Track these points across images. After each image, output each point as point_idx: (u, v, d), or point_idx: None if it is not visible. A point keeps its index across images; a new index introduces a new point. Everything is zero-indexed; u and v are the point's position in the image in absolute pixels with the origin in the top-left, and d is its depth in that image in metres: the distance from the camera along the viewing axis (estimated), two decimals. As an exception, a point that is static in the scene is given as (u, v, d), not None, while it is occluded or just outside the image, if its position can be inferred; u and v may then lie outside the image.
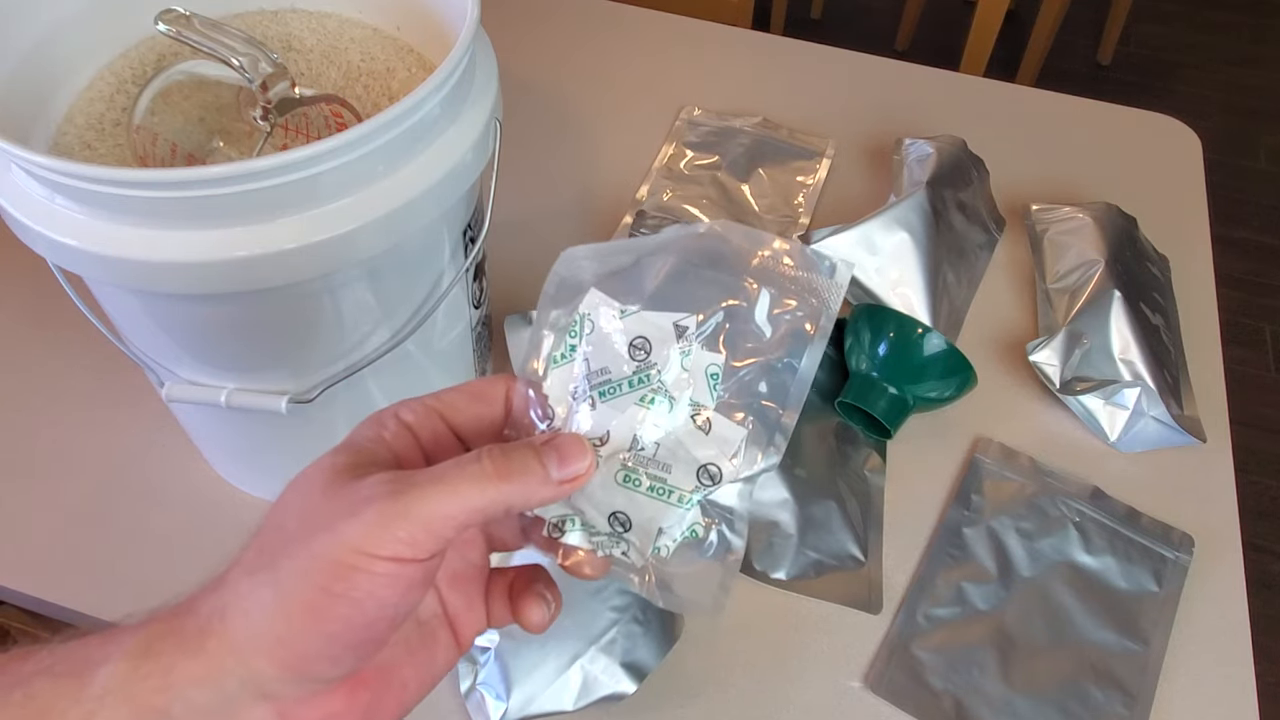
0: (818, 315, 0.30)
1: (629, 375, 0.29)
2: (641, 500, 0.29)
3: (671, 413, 0.29)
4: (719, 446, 0.29)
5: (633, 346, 0.29)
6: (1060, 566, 0.59)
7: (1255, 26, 2.47)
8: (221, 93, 0.54)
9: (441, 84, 0.43)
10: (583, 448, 0.28)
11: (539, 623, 0.31)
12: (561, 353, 0.30)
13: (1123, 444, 0.66)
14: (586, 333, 0.30)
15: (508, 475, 0.26)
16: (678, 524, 0.29)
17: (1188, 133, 0.90)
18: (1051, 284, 0.74)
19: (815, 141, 0.86)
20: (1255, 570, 1.48)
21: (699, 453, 0.29)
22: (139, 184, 0.39)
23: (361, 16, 0.58)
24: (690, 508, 0.29)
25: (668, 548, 0.30)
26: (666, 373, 0.29)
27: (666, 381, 0.29)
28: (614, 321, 0.30)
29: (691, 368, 0.29)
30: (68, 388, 0.67)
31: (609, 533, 0.29)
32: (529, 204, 0.80)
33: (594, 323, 0.30)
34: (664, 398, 0.29)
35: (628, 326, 0.30)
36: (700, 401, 0.29)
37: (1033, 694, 0.54)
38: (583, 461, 0.27)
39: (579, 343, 0.30)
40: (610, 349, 0.29)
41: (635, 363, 0.29)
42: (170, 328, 0.49)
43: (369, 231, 0.43)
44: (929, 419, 0.67)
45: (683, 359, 0.29)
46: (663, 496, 0.29)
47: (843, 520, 0.60)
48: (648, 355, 0.29)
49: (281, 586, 0.24)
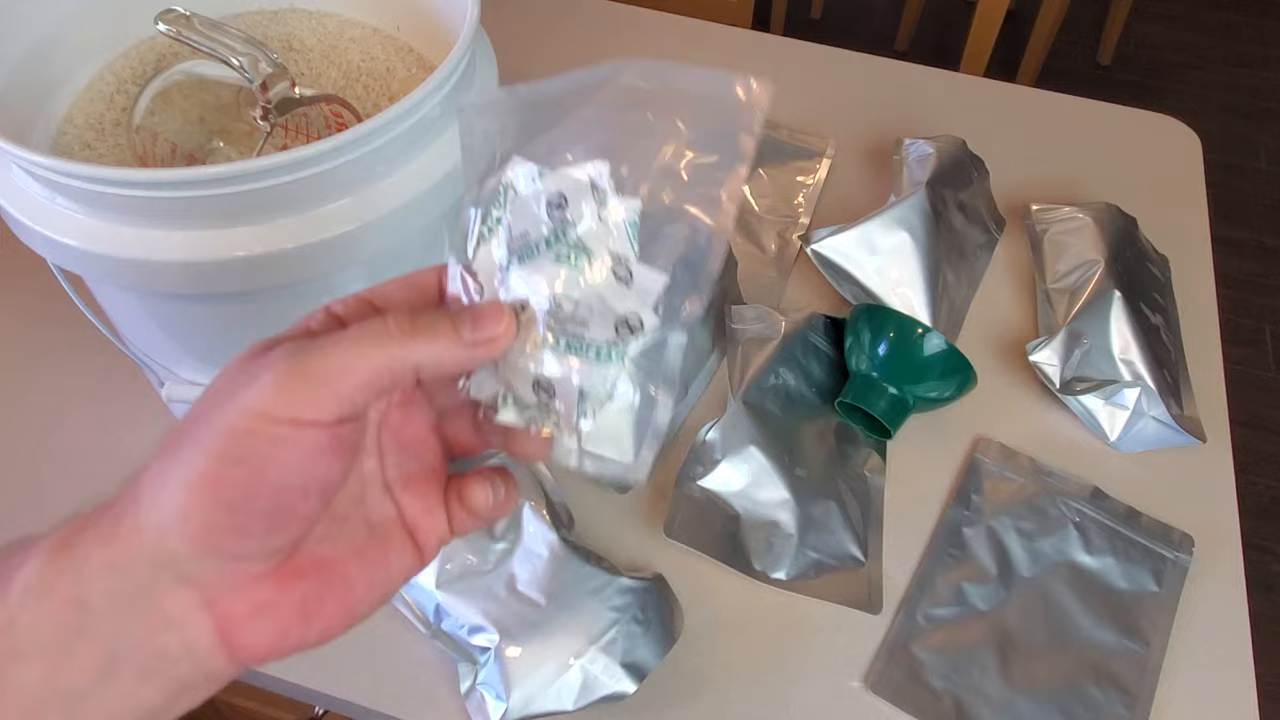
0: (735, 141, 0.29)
1: (546, 235, 0.27)
2: (561, 361, 0.27)
3: (591, 267, 0.27)
4: (640, 297, 0.27)
5: (549, 204, 0.27)
6: (1060, 566, 0.59)
7: (1255, 26, 2.47)
8: (221, 93, 0.54)
9: (441, 84, 0.43)
10: (499, 311, 0.26)
11: (483, 505, 0.29)
12: (488, 226, 0.28)
13: (1123, 444, 0.66)
14: (509, 200, 0.28)
15: (413, 333, 0.25)
16: (600, 382, 0.27)
17: (1188, 133, 0.90)
18: (1051, 284, 0.74)
19: (815, 141, 0.86)
20: (1255, 570, 1.48)
21: (618, 305, 0.27)
22: (139, 184, 0.39)
23: (361, 16, 0.58)
24: (609, 363, 0.27)
25: (592, 409, 0.28)
26: (581, 226, 0.27)
27: (581, 234, 0.27)
28: (533, 185, 0.28)
29: (607, 217, 0.28)
30: (68, 388, 0.67)
31: (536, 404, 0.28)
32: (529, 204, 0.80)
33: (515, 190, 0.28)
34: (581, 252, 0.27)
35: (546, 186, 0.28)
36: (619, 252, 0.27)
37: (1033, 694, 0.54)
38: (498, 324, 0.26)
39: (503, 212, 0.28)
40: (529, 212, 0.28)
41: (553, 222, 0.27)
42: (170, 328, 0.49)
43: (369, 231, 0.43)
44: (929, 419, 0.67)
45: (598, 209, 0.27)
46: (581, 353, 0.27)
47: (843, 520, 0.60)
48: (564, 211, 0.27)
49: (182, 461, 0.23)
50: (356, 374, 0.24)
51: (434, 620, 0.54)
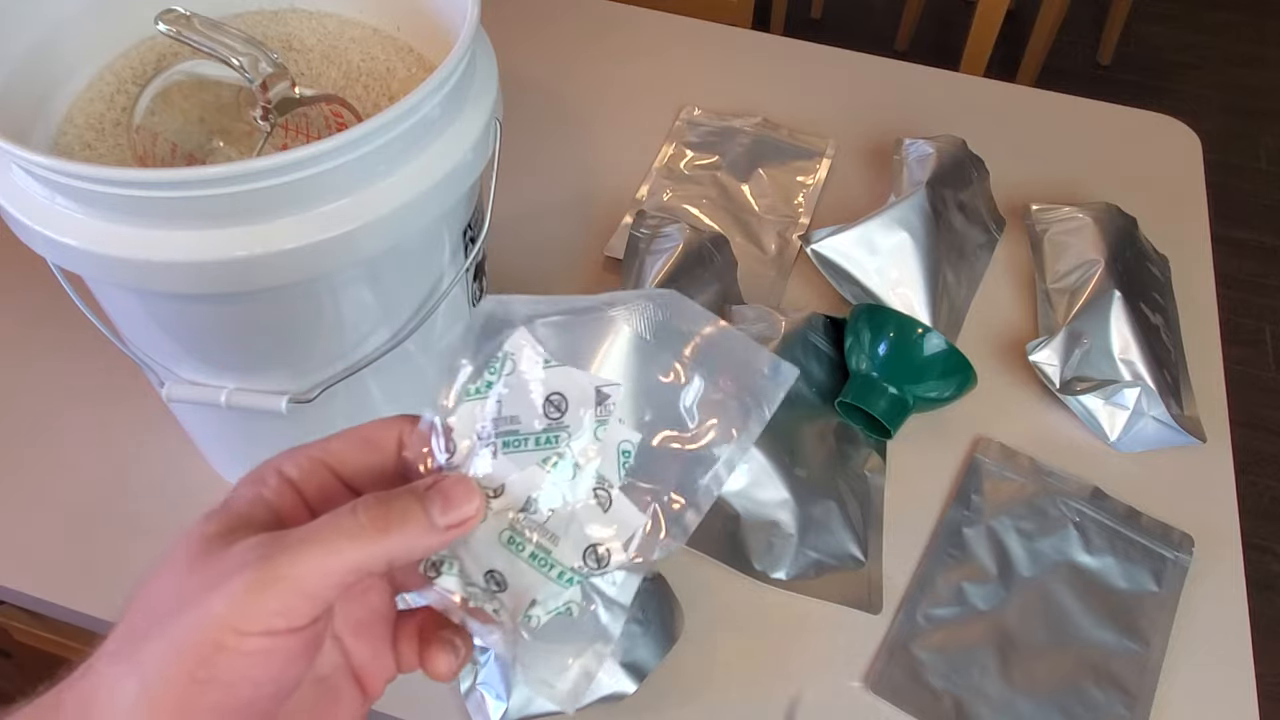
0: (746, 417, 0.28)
1: (538, 431, 0.27)
2: (521, 566, 0.27)
3: (573, 481, 0.27)
4: (616, 528, 0.27)
5: (549, 402, 0.27)
6: (1060, 566, 0.59)
7: (1255, 26, 2.47)
8: (221, 93, 0.54)
9: (441, 84, 0.43)
10: (470, 491, 0.26)
11: (446, 672, 0.28)
12: (477, 388, 0.27)
13: (1123, 444, 0.66)
14: (506, 373, 0.28)
15: (386, 527, 0.24)
16: (553, 599, 0.27)
17: (1188, 133, 0.90)
18: (1051, 284, 0.74)
19: (815, 141, 0.86)
20: (1255, 570, 1.48)
21: (592, 530, 0.27)
22: (139, 184, 0.39)
23: (361, 16, 0.58)
24: (568, 586, 0.27)
25: (538, 619, 0.27)
26: (577, 439, 0.27)
27: (575, 448, 0.27)
28: (536, 369, 0.27)
29: (605, 439, 0.27)
30: (68, 388, 0.67)
31: (483, 587, 0.27)
32: (529, 204, 0.80)
33: (515, 364, 0.28)
34: (569, 464, 0.27)
35: (548, 378, 0.27)
36: (606, 476, 0.27)
37: (1033, 694, 0.54)
38: (470, 505, 0.26)
39: (496, 381, 0.27)
40: (525, 398, 0.27)
41: (548, 419, 0.27)
42: (170, 328, 0.49)
43: (369, 231, 0.43)
44: (929, 419, 0.67)
45: (597, 428, 0.27)
46: (543, 569, 0.27)
47: (843, 520, 0.60)
48: (561, 415, 0.27)
49: (146, 677, 0.22)
50: (330, 576, 0.23)
51: (434, 620, 0.54)
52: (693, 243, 0.69)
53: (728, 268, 0.72)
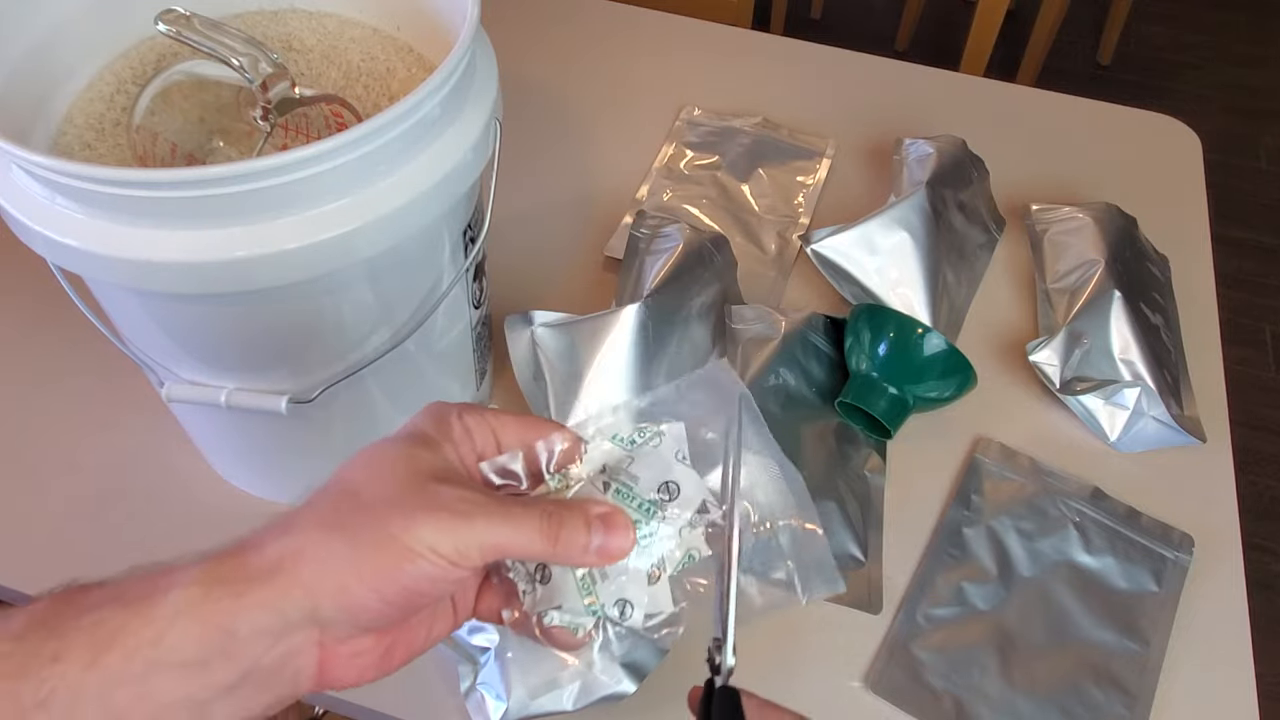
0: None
1: (645, 498, 0.32)
2: (569, 577, 0.32)
3: (642, 549, 0.32)
4: (649, 600, 0.33)
5: (665, 485, 0.33)
6: (1060, 566, 0.59)
7: (1255, 26, 2.47)
8: (221, 93, 0.54)
9: (441, 84, 0.43)
10: (628, 534, 0.31)
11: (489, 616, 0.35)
12: (620, 436, 0.33)
13: (1123, 444, 0.66)
14: (651, 444, 0.33)
15: (556, 538, 0.30)
16: (572, 614, 0.33)
17: (1188, 133, 0.90)
18: (1051, 284, 0.74)
19: (815, 141, 0.86)
20: (1255, 570, 1.47)
21: (631, 591, 0.32)
22: (139, 184, 0.39)
23: (361, 16, 0.58)
24: (590, 615, 0.33)
25: (551, 619, 0.33)
26: (667, 524, 0.32)
27: (660, 530, 0.32)
28: (672, 456, 0.33)
29: (684, 538, 0.33)
30: (68, 388, 0.67)
31: (529, 572, 0.33)
32: (529, 204, 0.80)
33: (660, 442, 0.33)
34: (648, 535, 0.32)
35: (675, 469, 0.33)
36: (667, 561, 0.33)
37: (1033, 694, 0.54)
38: (623, 545, 0.31)
39: (640, 443, 0.33)
40: (652, 469, 0.32)
41: (657, 495, 0.32)
42: (170, 328, 0.49)
43: (369, 231, 0.43)
44: (929, 419, 0.67)
45: (684, 528, 0.32)
46: (582, 590, 0.32)
47: (843, 520, 0.60)
48: (669, 500, 0.32)
49: (358, 550, 0.28)
50: (504, 550, 0.30)
51: (434, 620, 0.54)
52: (693, 243, 0.69)
53: (728, 268, 0.72)
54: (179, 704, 0.27)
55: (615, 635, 0.33)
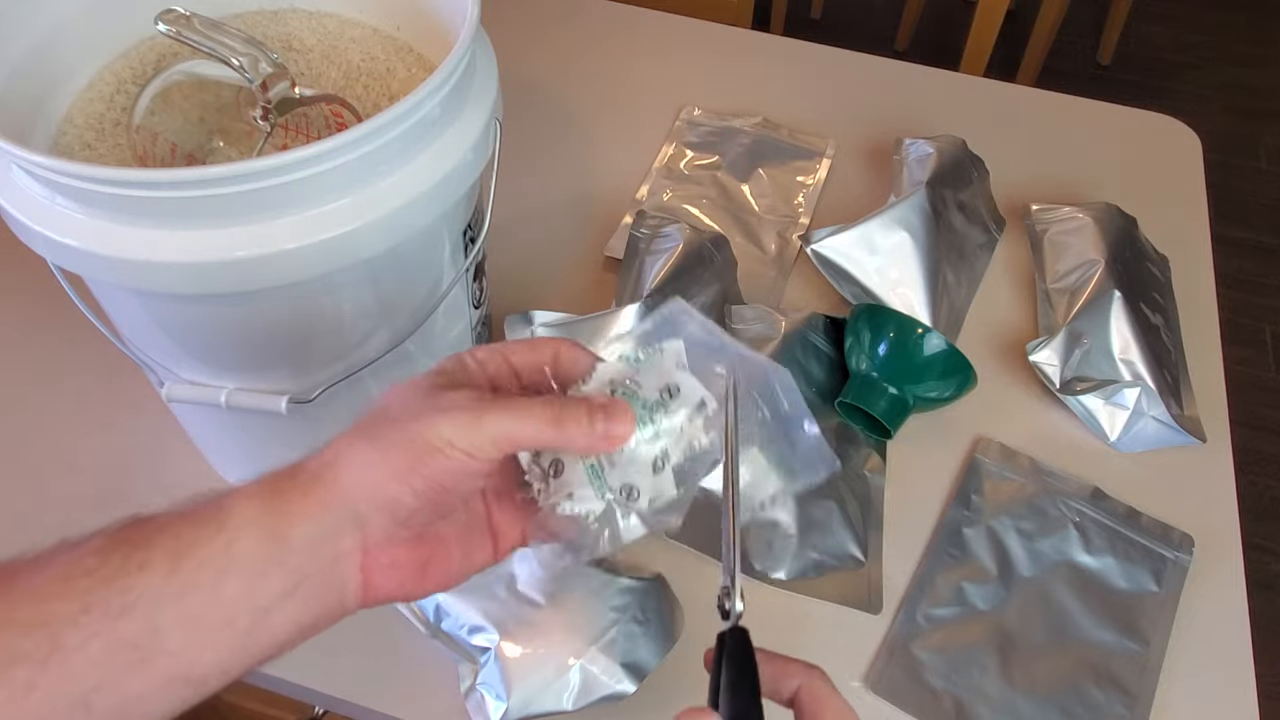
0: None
1: (649, 400, 0.35)
2: (579, 468, 0.35)
3: (648, 441, 0.35)
4: (654, 485, 0.35)
5: (667, 388, 0.35)
6: (1060, 566, 0.59)
7: (1255, 26, 2.47)
8: (221, 93, 0.54)
9: (441, 84, 0.43)
10: (629, 416, 0.34)
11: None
12: (625, 356, 0.36)
13: (1123, 444, 0.66)
14: (653, 359, 0.36)
15: (561, 420, 0.32)
16: (583, 502, 0.35)
17: (1188, 133, 0.90)
18: (1051, 284, 0.74)
19: (815, 141, 0.86)
20: (1255, 570, 1.47)
21: (637, 476, 0.35)
22: (139, 184, 0.39)
23: (361, 16, 0.58)
24: (600, 500, 0.35)
25: (565, 509, 0.35)
26: (670, 419, 0.35)
27: (664, 424, 0.35)
28: (673, 365, 0.36)
29: (686, 431, 0.36)
30: (68, 388, 0.67)
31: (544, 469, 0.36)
32: (529, 204, 0.80)
33: (662, 354, 0.36)
34: (652, 430, 0.35)
35: (678, 375, 0.36)
36: (670, 454, 0.36)
37: (1033, 694, 0.54)
38: (625, 426, 0.33)
39: (644, 360, 0.36)
40: (654, 376, 0.36)
41: (659, 397, 0.35)
42: (170, 328, 0.49)
43: (369, 231, 0.43)
44: (929, 419, 0.67)
45: (685, 422, 0.35)
46: (592, 478, 0.35)
47: (843, 520, 0.60)
48: (671, 400, 0.35)
49: (387, 450, 0.31)
50: (513, 439, 0.32)
51: (434, 620, 0.54)
52: (693, 243, 0.69)
53: (728, 268, 0.72)
54: (244, 610, 0.29)
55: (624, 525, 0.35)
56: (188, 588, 0.29)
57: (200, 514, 0.30)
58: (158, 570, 0.28)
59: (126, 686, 0.27)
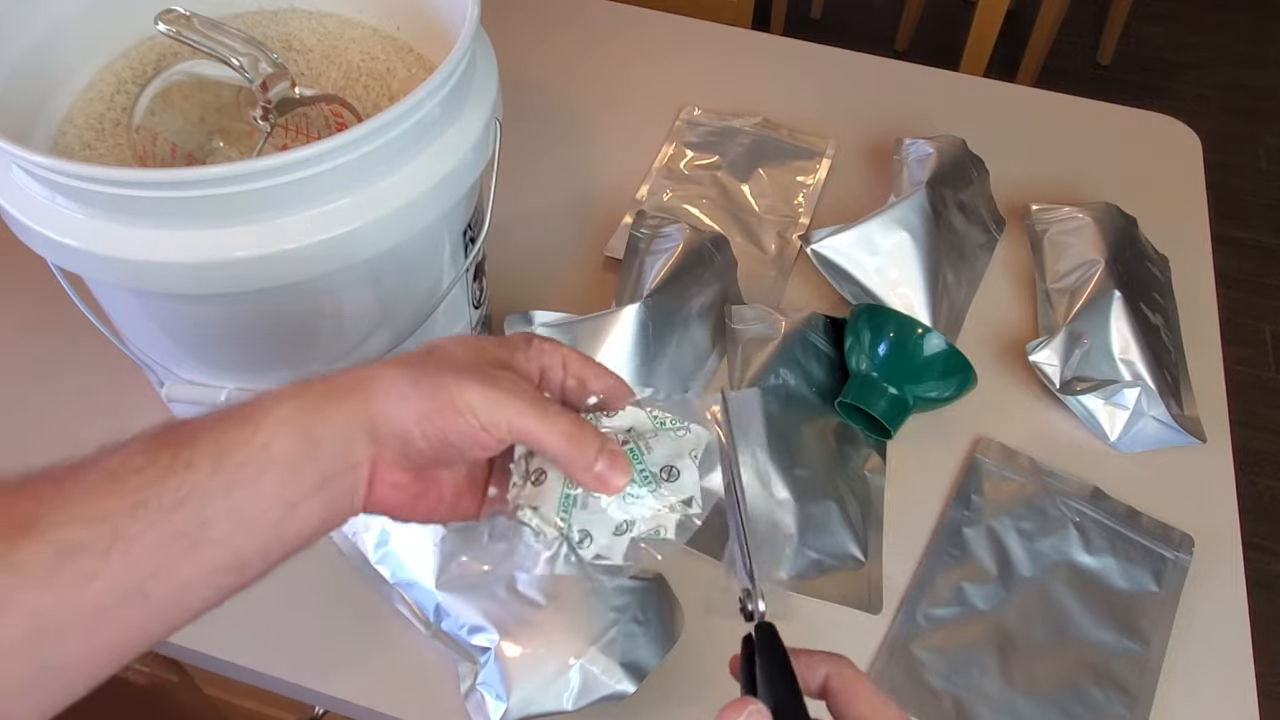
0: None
1: (648, 469, 0.38)
2: (553, 499, 0.37)
3: (624, 504, 0.37)
4: (607, 545, 0.37)
5: (667, 468, 0.38)
6: (1060, 566, 0.59)
7: (1255, 26, 2.47)
8: (221, 93, 0.54)
9: (441, 84, 0.43)
10: (627, 473, 0.36)
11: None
12: (655, 414, 0.39)
13: (1123, 444, 0.66)
14: (677, 434, 0.39)
15: (574, 442, 0.35)
16: (540, 521, 0.37)
17: (1188, 133, 0.90)
18: (1051, 284, 0.74)
19: (815, 141, 0.86)
20: (1255, 570, 1.47)
21: (594, 530, 0.37)
22: (139, 184, 0.39)
23: (361, 16, 0.58)
24: (557, 533, 0.37)
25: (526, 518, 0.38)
26: (654, 499, 0.37)
27: (646, 499, 0.37)
28: (686, 451, 0.38)
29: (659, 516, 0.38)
30: (68, 388, 0.67)
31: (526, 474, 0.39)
32: (529, 204, 0.80)
33: (685, 436, 0.39)
34: (636, 498, 0.37)
35: (684, 462, 0.38)
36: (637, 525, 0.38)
37: (1033, 694, 0.54)
38: (619, 480, 0.36)
39: (669, 428, 0.39)
40: (665, 450, 0.38)
41: (659, 472, 0.38)
42: (170, 328, 0.49)
43: (369, 231, 0.43)
44: (929, 419, 0.67)
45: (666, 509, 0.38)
46: (563, 510, 0.37)
47: (843, 520, 0.60)
48: (666, 480, 0.38)
49: (416, 389, 0.34)
50: (527, 434, 0.35)
51: (434, 620, 0.54)
52: (693, 243, 0.69)
53: (728, 268, 0.72)
54: (278, 502, 0.32)
55: (566, 564, 0.37)
56: (232, 483, 0.31)
57: (237, 416, 0.33)
58: (203, 468, 0.31)
59: (178, 574, 0.30)
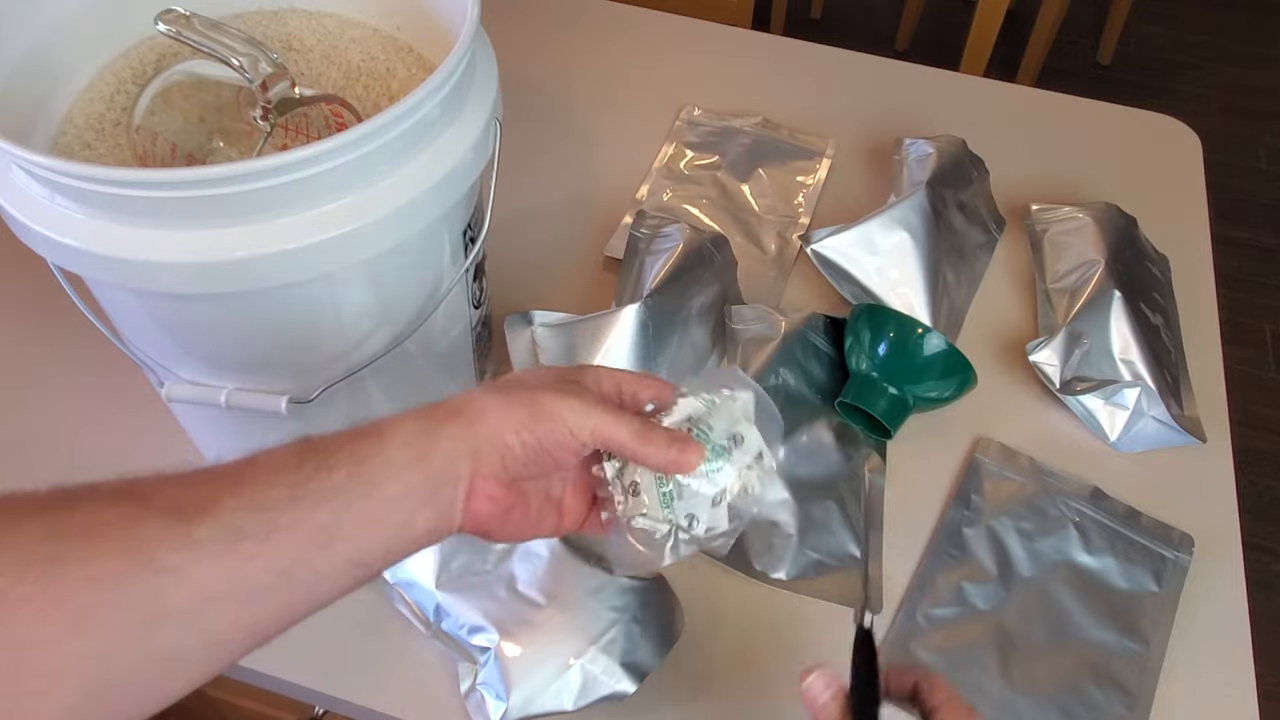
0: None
1: (717, 443, 0.41)
2: (654, 493, 0.41)
3: (709, 479, 0.41)
4: (709, 518, 0.41)
5: (733, 436, 0.42)
6: (1060, 566, 0.59)
7: (1255, 26, 2.47)
8: (221, 93, 0.54)
9: (441, 84, 0.43)
10: (699, 454, 0.40)
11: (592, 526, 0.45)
12: (705, 396, 0.42)
13: (1123, 444, 0.66)
14: (728, 404, 0.42)
15: (645, 438, 0.39)
16: (652, 522, 0.41)
17: (1188, 133, 0.90)
18: (1051, 284, 0.74)
19: (815, 141, 0.86)
20: (1255, 570, 1.47)
21: (697, 508, 0.41)
22: (139, 184, 0.39)
23: (361, 16, 0.58)
24: (664, 524, 0.41)
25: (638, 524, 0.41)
26: (732, 464, 0.41)
27: (726, 468, 0.41)
28: (739, 415, 0.42)
29: (744, 478, 0.41)
30: (68, 388, 0.67)
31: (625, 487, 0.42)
32: (529, 204, 0.80)
33: (732, 404, 0.42)
34: (714, 470, 0.41)
35: (743, 425, 0.42)
36: (728, 490, 0.41)
37: (1033, 694, 0.54)
38: (691, 460, 0.40)
39: (720, 404, 0.42)
40: (724, 422, 0.42)
41: (726, 441, 0.41)
42: (170, 328, 0.49)
43: (369, 231, 0.43)
44: (929, 419, 0.67)
45: (743, 470, 0.41)
46: (663, 505, 0.41)
47: (843, 520, 0.60)
48: (735, 447, 0.41)
49: (512, 405, 0.39)
50: (607, 436, 0.39)
51: (434, 620, 0.54)
52: (693, 243, 0.69)
53: (728, 268, 0.72)
54: (400, 509, 0.36)
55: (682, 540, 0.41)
56: (364, 489, 0.35)
57: (369, 433, 0.37)
58: (341, 472, 0.35)
59: (315, 564, 0.34)
